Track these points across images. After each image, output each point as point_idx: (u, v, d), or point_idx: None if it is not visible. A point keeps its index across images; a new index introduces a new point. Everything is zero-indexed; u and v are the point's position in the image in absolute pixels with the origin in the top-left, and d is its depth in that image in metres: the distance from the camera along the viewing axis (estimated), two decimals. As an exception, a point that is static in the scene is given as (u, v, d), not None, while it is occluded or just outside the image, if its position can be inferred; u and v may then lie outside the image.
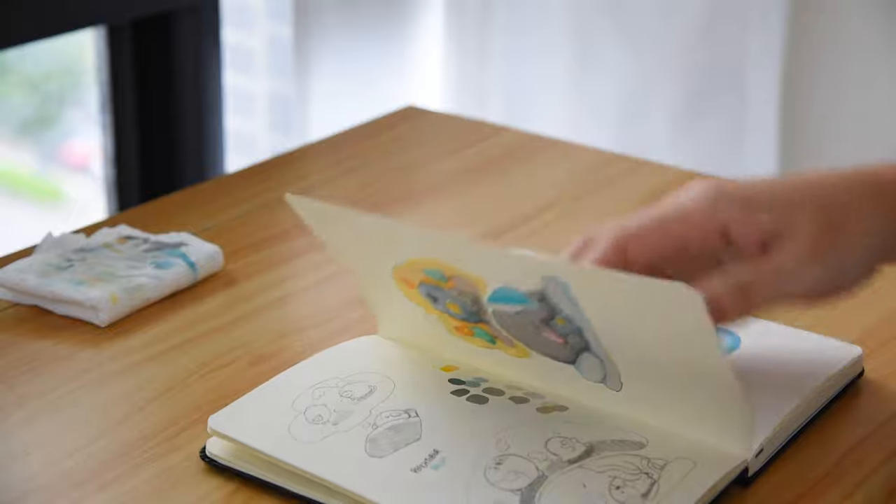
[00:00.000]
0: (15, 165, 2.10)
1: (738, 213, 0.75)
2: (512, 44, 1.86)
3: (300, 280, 0.95)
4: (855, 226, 0.76)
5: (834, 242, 0.76)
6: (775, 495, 0.72)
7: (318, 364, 0.79)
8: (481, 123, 1.23)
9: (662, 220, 0.76)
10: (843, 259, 0.76)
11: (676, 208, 0.76)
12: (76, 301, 0.87)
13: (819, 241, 0.75)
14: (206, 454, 0.73)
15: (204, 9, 1.64)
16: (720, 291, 0.73)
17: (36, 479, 0.72)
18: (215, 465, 0.73)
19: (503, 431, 0.73)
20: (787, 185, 0.77)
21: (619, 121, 1.82)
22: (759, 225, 0.75)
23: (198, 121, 1.67)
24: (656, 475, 0.70)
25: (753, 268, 0.75)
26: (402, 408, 0.75)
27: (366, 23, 1.82)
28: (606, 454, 0.72)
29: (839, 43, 1.71)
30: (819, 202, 0.76)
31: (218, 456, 0.73)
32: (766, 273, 0.75)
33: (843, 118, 1.73)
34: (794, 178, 0.78)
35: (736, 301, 0.74)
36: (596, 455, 0.72)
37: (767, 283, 0.75)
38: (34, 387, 0.80)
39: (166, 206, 1.05)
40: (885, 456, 0.76)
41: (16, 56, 1.88)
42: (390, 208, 1.05)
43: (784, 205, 0.76)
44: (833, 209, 0.76)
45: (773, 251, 0.75)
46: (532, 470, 0.70)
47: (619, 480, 0.70)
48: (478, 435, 0.73)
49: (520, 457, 0.71)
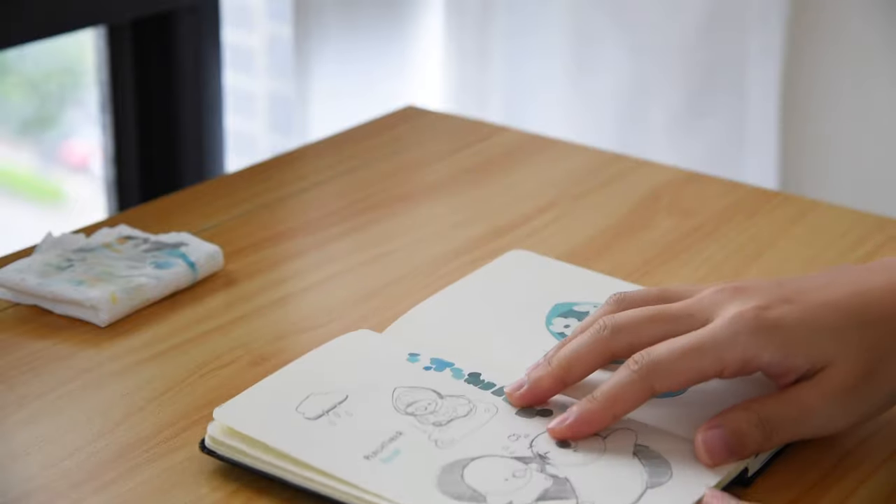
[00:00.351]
0: (15, 165, 2.10)
1: (777, 359, 0.72)
2: (512, 44, 1.86)
3: (300, 280, 0.95)
4: (891, 367, 0.73)
5: (873, 384, 0.73)
6: (775, 495, 0.72)
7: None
8: (481, 123, 1.23)
9: (696, 359, 0.72)
10: (870, 404, 0.74)
11: (711, 345, 0.72)
12: (76, 301, 0.87)
13: (857, 385, 0.73)
14: (206, 447, 0.73)
15: (204, 9, 1.64)
16: (744, 428, 0.71)
17: (36, 479, 0.72)
18: (215, 457, 0.73)
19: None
20: (831, 314, 0.73)
21: (619, 121, 1.82)
22: (794, 368, 0.72)
23: (198, 121, 1.67)
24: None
25: (779, 406, 0.72)
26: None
27: (366, 23, 1.82)
28: None
29: (839, 43, 1.71)
30: (867, 339, 0.73)
31: (218, 448, 0.73)
32: (792, 415, 0.72)
33: (843, 118, 1.73)
34: (850, 304, 0.73)
35: (757, 437, 0.72)
36: None
37: (791, 425, 0.73)
38: (34, 387, 0.80)
39: (166, 206, 1.05)
40: (886, 456, 0.76)
41: (16, 56, 1.88)
42: (390, 208, 1.05)
43: (827, 347, 0.72)
44: (877, 349, 0.73)
45: (803, 389, 0.72)
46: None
47: None
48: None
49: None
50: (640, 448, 0.72)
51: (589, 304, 0.86)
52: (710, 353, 0.71)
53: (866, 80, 1.71)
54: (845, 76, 1.72)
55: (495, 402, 0.75)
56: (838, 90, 1.73)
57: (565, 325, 0.84)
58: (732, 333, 0.71)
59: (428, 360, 0.79)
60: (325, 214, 1.04)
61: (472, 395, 0.76)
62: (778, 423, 0.72)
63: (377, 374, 0.78)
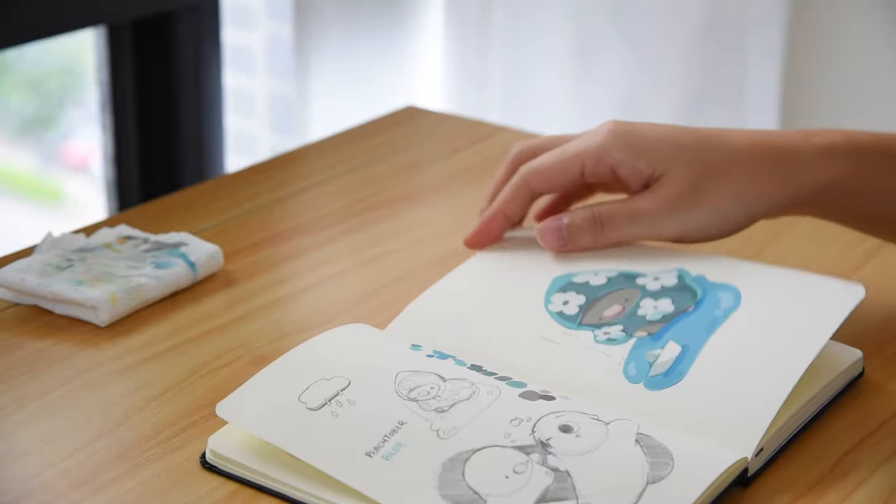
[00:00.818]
0: (15, 165, 2.10)
1: (623, 157, 0.86)
2: (512, 44, 1.86)
3: (300, 280, 0.95)
4: (728, 189, 0.85)
5: (699, 200, 0.85)
6: (775, 495, 0.72)
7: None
8: (481, 123, 1.23)
9: (562, 159, 0.87)
10: (694, 218, 0.85)
11: (575, 147, 0.87)
12: (76, 301, 0.87)
13: (683, 196, 0.85)
14: (206, 461, 0.73)
15: (204, 9, 1.64)
16: (578, 221, 0.86)
17: (36, 479, 0.72)
18: (215, 472, 0.73)
19: None
20: (681, 137, 0.86)
21: (619, 121, 1.81)
22: (638, 171, 0.86)
23: (198, 121, 1.67)
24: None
25: (615, 207, 0.86)
26: None
27: (366, 22, 1.82)
28: None
29: (839, 43, 1.71)
30: (701, 159, 0.85)
31: (218, 462, 0.73)
32: (623, 214, 0.86)
33: (843, 118, 1.73)
34: (697, 131, 0.87)
35: (589, 231, 0.86)
36: None
37: (621, 223, 0.86)
38: (34, 387, 0.80)
39: (166, 206, 1.05)
40: (886, 456, 0.76)
41: (16, 56, 1.88)
42: (390, 208, 1.05)
43: (665, 155, 0.86)
44: (712, 169, 0.85)
45: (640, 195, 0.86)
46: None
47: None
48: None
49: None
50: (642, 437, 0.72)
51: (588, 272, 0.86)
52: (571, 151, 0.87)
53: (866, 80, 1.71)
54: (845, 76, 1.72)
55: (498, 384, 0.75)
56: (838, 90, 1.73)
57: (564, 301, 0.84)
58: (592, 135, 0.87)
59: (430, 350, 0.79)
60: (325, 214, 1.04)
61: (474, 378, 0.76)
62: (610, 221, 0.86)
63: (380, 359, 0.77)
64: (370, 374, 0.76)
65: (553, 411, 0.73)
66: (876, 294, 0.91)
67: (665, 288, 0.84)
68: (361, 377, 0.75)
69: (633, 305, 0.83)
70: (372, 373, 0.76)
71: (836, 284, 0.84)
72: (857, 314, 0.86)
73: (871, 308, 0.89)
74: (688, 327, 0.80)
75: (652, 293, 0.84)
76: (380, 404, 0.74)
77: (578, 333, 0.81)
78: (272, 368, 0.77)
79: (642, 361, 0.78)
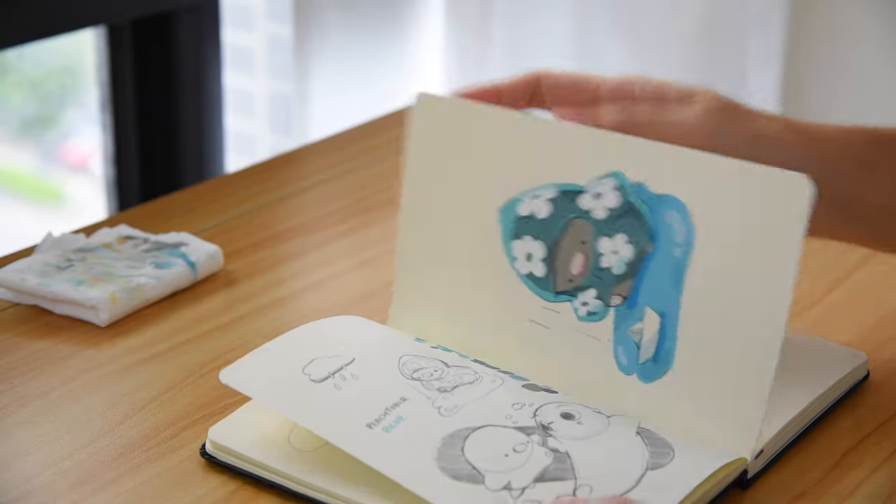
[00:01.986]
0: (15, 165, 2.10)
1: (650, 91, 0.81)
2: (512, 44, 1.86)
3: (300, 280, 0.95)
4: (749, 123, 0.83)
5: (725, 130, 0.81)
6: (775, 496, 0.72)
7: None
8: (481, 123, 1.23)
9: (582, 79, 0.83)
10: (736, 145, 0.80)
11: (596, 77, 0.83)
12: (76, 301, 0.87)
13: (712, 118, 0.81)
14: (206, 451, 0.73)
15: (204, 9, 1.64)
16: (609, 119, 0.80)
17: (36, 479, 0.72)
18: (215, 462, 0.73)
19: None
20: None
21: (619, 121, 1.81)
22: (667, 94, 0.81)
23: (198, 121, 1.67)
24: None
25: (651, 110, 0.81)
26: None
27: (366, 23, 1.82)
28: None
29: (839, 43, 1.71)
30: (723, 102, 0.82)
31: (217, 453, 0.73)
32: (659, 120, 0.81)
33: (843, 118, 1.73)
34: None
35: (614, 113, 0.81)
36: None
37: (654, 127, 0.80)
38: (34, 387, 0.80)
39: (166, 206, 1.05)
40: (885, 456, 0.76)
41: (16, 56, 1.88)
42: (390, 209, 1.05)
43: (695, 86, 0.82)
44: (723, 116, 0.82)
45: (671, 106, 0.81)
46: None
47: None
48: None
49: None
50: (643, 429, 0.72)
51: (527, 194, 0.79)
52: (596, 76, 0.83)
53: (866, 80, 1.71)
54: (845, 76, 1.72)
55: (501, 375, 0.75)
56: (838, 90, 1.73)
57: (526, 254, 0.79)
58: (615, 78, 0.83)
59: (434, 343, 0.79)
60: (325, 214, 1.04)
61: (478, 368, 0.76)
62: (643, 127, 0.80)
63: (384, 343, 0.78)
64: (374, 354, 0.76)
65: (556, 401, 0.73)
66: (876, 294, 0.91)
67: (613, 214, 0.77)
68: (365, 356, 0.75)
69: (593, 254, 0.77)
70: (376, 353, 0.76)
71: (779, 176, 0.73)
72: (857, 314, 0.86)
73: (872, 308, 0.89)
74: (656, 284, 0.75)
75: (603, 225, 0.77)
76: (382, 381, 0.74)
77: (559, 308, 0.77)
78: (277, 342, 0.77)
79: (629, 344, 0.75)
